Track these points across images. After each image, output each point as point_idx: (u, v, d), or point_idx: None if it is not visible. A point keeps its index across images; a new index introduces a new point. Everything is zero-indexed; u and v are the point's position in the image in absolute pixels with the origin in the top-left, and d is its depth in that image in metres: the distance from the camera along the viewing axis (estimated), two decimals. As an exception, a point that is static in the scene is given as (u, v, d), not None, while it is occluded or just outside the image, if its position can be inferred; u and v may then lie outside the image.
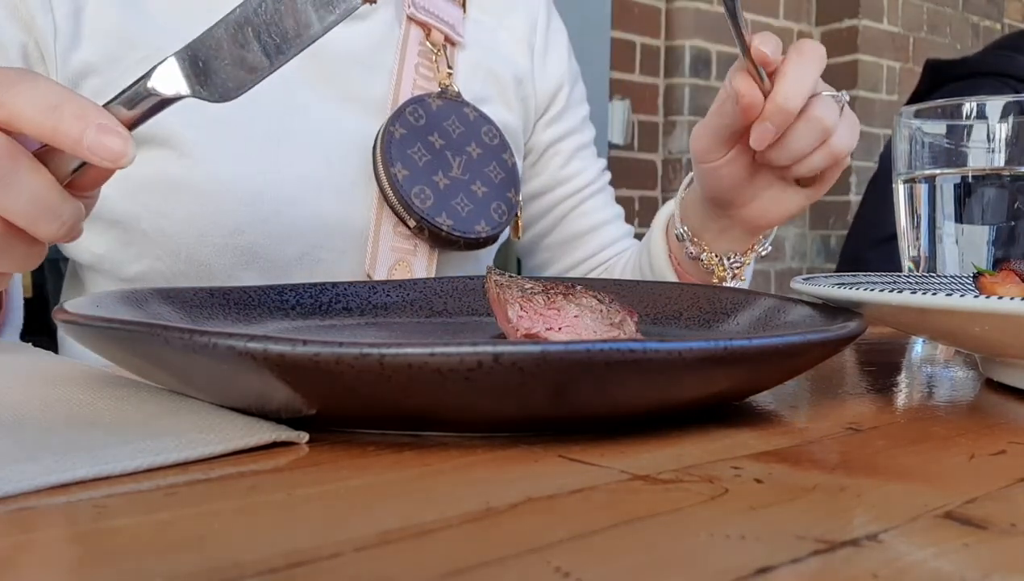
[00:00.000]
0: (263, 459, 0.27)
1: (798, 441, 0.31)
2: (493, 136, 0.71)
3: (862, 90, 2.57)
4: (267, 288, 0.50)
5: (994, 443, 0.31)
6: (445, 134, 0.68)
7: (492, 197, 0.69)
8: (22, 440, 0.28)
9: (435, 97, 0.69)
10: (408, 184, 0.64)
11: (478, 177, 0.68)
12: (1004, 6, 3.02)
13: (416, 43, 0.71)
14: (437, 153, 0.67)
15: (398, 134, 0.65)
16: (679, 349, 0.28)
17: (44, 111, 0.37)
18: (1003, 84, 1.45)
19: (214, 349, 0.27)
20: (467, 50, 0.75)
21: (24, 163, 0.37)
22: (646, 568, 0.19)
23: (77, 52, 0.62)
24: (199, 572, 0.18)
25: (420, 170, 0.65)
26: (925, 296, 0.34)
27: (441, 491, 0.25)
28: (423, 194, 0.65)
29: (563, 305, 0.38)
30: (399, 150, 0.65)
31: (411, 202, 0.64)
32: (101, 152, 0.37)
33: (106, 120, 0.37)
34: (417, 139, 0.66)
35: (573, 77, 0.85)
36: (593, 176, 0.86)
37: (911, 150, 0.59)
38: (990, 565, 0.20)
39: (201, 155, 0.62)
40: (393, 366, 0.26)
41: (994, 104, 0.56)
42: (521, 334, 0.38)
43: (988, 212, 0.56)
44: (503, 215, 0.69)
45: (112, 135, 0.37)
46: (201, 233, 0.62)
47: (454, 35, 0.73)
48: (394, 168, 0.64)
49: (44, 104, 0.37)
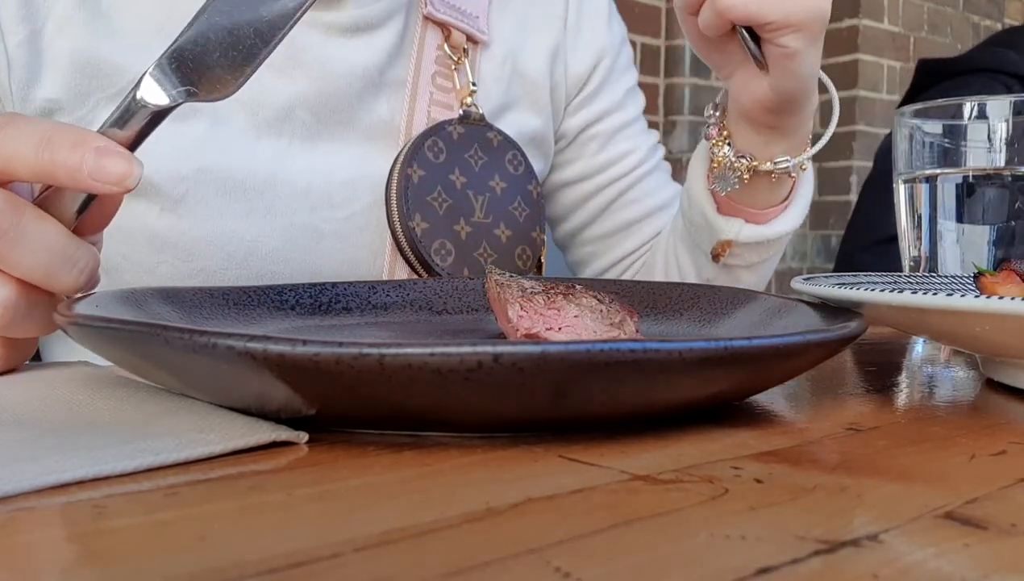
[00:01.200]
0: (263, 459, 0.27)
1: (798, 441, 0.31)
2: (519, 164, 0.64)
3: (862, 90, 2.57)
4: (267, 288, 0.50)
5: (994, 443, 0.31)
6: (467, 169, 0.61)
7: (516, 241, 0.62)
8: (22, 440, 0.28)
9: (456, 124, 0.61)
10: (427, 239, 0.58)
11: (502, 219, 0.62)
12: (1004, 6, 3.02)
13: (433, 49, 0.63)
14: (458, 195, 0.60)
15: (416, 177, 0.57)
16: (679, 349, 0.28)
17: (36, 147, 0.34)
18: (993, 80, 1.44)
19: (214, 349, 0.27)
20: (491, 48, 0.66)
21: (29, 214, 0.35)
22: (646, 568, 0.19)
23: (38, 88, 0.54)
24: (199, 572, 0.18)
25: (440, 220, 0.58)
26: (925, 296, 0.34)
27: (441, 491, 0.25)
28: (443, 250, 0.58)
29: (563, 305, 0.38)
30: (417, 198, 0.57)
31: (431, 261, 0.58)
32: (104, 176, 0.34)
33: (103, 142, 0.35)
34: (437, 181, 0.59)
35: (616, 46, 0.74)
36: (642, 156, 0.74)
37: (911, 150, 0.59)
38: (990, 565, 0.20)
39: (185, 211, 0.56)
40: (393, 366, 0.26)
41: (994, 104, 0.56)
42: (521, 334, 0.38)
43: (988, 212, 0.56)
44: (527, 261, 0.63)
45: (112, 156, 0.34)
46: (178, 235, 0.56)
47: (477, 33, 0.65)
48: (412, 221, 0.57)
49: (35, 140, 0.34)
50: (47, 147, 0.34)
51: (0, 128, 0.35)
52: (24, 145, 0.34)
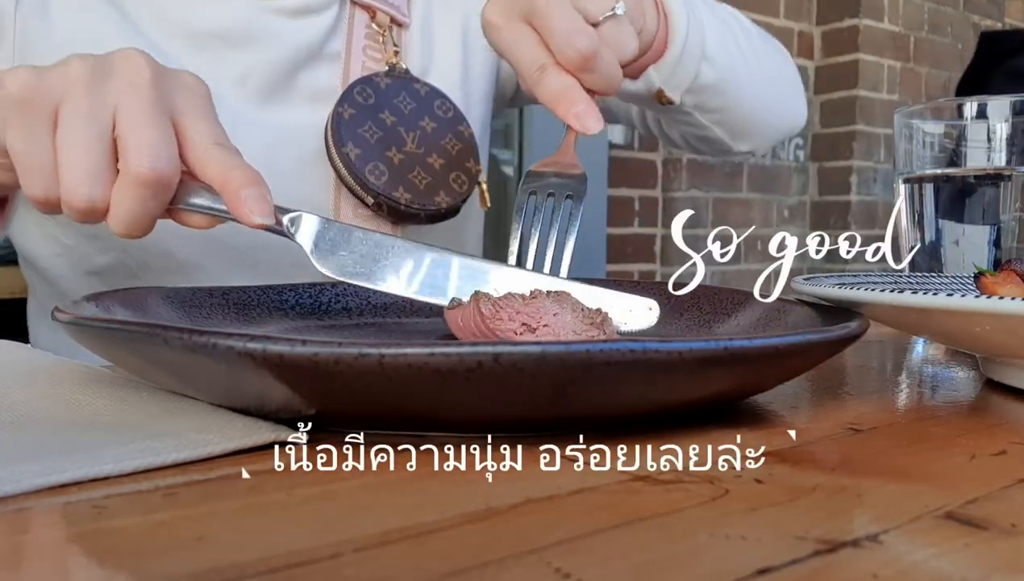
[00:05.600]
0: (263, 459, 0.27)
1: (798, 441, 0.31)
2: (447, 109, 0.70)
3: (862, 90, 2.57)
4: (266, 288, 0.50)
5: (994, 443, 0.31)
6: (396, 111, 0.68)
7: (450, 168, 0.68)
8: (22, 440, 0.28)
9: (383, 76, 0.69)
10: (361, 162, 0.64)
11: (434, 150, 0.68)
12: (1005, 6, 3.02)
13: (363, 27, 0.71)
14: (389, 129, 0.67)
15: (347, 115, 0.65)
16: (679, 349, 0.28)
17: (220, 169, 0.41)
18: None
19: (214, 349, 0.27)
20: (415, 28, 0.75)
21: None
22: (646, 568, 0.19)
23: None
24: (199, 572, 0.18)
25: (372, 147, 0.65)
26: (925, 296, 0.34)
27: (441, 491, 0.25)
28: (377, 170, 0.65)
29: (543, 303, 0.38)
30: (349, 130, 0.65)
31: (366, 179, 0.64)
32: (256, 220, 0.40)
33: (265, 192, 0.41)
34: (367, 118, 0.66)
35: None
36: None
37: (911, 150, 0.59)
38: (991, 565, 0.20)
39: None
40: (393, 366, 0.26)
41: (995, 104, 0.56)
42: (500, 333, 0.37)
43: (988, 212, 0.56)
44: (464, 185, 0.68)
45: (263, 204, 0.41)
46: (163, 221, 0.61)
47: (401, 16, 0.73)
48: (345, 148, 0.64)
49: (221, 164, 0.41)
50: (226, 171, 0.40)
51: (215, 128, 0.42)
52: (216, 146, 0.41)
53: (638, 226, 2.27)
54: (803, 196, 2.56)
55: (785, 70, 0.81)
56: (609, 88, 0.50)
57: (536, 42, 0.49)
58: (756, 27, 0.77)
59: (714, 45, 0.67)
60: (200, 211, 0.42)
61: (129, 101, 0.39)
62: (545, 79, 0.48)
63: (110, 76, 0.40)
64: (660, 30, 0.62)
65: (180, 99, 0.41)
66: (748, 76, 0.72)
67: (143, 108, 0.39)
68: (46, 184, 0.40)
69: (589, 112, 0.48)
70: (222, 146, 0.41)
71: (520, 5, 0.49)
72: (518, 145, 1.98)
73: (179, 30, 0.64)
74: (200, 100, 0.43)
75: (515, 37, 0.49)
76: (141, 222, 0.41)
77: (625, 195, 2.30)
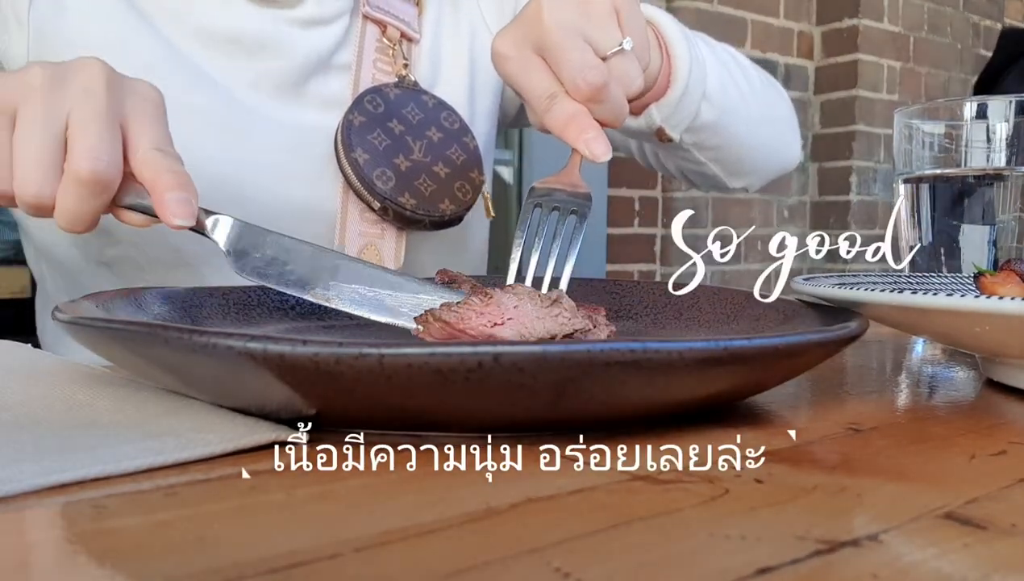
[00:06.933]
0: (263, 459, 0.27)
1: (798, 441, 0.31)
2: (453, 121, 0.72)
3: (862, 90, 2.57)
4: (267, 288, 0.50)
5: (994, 443, 0.31)
6: (404, 121, 0.70)
7: (455, 177, 0.70)
8: (22, 440, 0.28)
9: (392, 87, 0.71)
10: (369, 168, 0.67)
11: (440, 159, 0.70)
12: (1004, 6, 3.02)
13: (373, 39, 0.74)
14: (397, 138, 0.69)
15: (357, 122, 0.68)
16: (679, 349, 0.28)
17: (152, 172, 0.42)
18: None
19: (214, 349, 0.27)
20: (425, 43, 0.77)
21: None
22: (646, 568, 0.19)
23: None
24: (199, 572, 0.18)
25: (380, 154, 0.68)
26: (925, 296, 0.34)
27: (441, 491, 0.25)
28: (384, 176, 0.67)
29: (499, 298, 0.38)
30: (359, 136, 0.67)
31: (373, 184, 0.66)
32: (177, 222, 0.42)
33: (190, 195, 0.43)
34: (376, 125, 0.69)
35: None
36: None
37: (911, 150, 0.59)
38: (990, 565, 0.20)
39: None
40: (393, 366, 0.26)
41: (995, 104, 0.56)
42: (472, 333, 0.37)
43: (988, 212, 0.56)
44: (467, 194, 0.71)
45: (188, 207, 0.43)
46: None
47: (411, 32, 0.76)
48: (354, 153, 0.67)
49: (162, 164, 0.42)
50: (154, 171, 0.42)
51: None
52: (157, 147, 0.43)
53: (638, 226, 2.27)
54: (803, 196, 2.56)
55: (781, 109, 0.82)
56: (615, 121, 0.51)
57: (546, 73, 0.50)
58: (754, 66, 0.79)
59: (714, 85, 0.68)
60: (137, 210, 0.44)
61: (82, 106, 0.42)
62: (555, 107, 0.50)
63: (67, 83, 0.43)
64: (663, 69, 0.64)
65: (131, 105, 0.44)
66: (746, 116, 0.74)
67: (94, 113, 0.42)
68: (2, 179, 0.43)
69: (599, 139, 0.49)
70: (160, 151, 0.43)
71: (531, 38, 0.50)
72: (518, 145, 1.98)
73: (195, 33, 0.66)
74: (151, 106, 0.45)
75: (525, 67, 0.51)
76: (83, 218, 0.43)
77: (625, 195, 2.30)
